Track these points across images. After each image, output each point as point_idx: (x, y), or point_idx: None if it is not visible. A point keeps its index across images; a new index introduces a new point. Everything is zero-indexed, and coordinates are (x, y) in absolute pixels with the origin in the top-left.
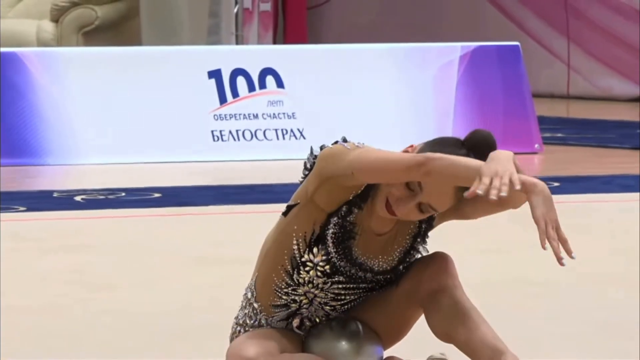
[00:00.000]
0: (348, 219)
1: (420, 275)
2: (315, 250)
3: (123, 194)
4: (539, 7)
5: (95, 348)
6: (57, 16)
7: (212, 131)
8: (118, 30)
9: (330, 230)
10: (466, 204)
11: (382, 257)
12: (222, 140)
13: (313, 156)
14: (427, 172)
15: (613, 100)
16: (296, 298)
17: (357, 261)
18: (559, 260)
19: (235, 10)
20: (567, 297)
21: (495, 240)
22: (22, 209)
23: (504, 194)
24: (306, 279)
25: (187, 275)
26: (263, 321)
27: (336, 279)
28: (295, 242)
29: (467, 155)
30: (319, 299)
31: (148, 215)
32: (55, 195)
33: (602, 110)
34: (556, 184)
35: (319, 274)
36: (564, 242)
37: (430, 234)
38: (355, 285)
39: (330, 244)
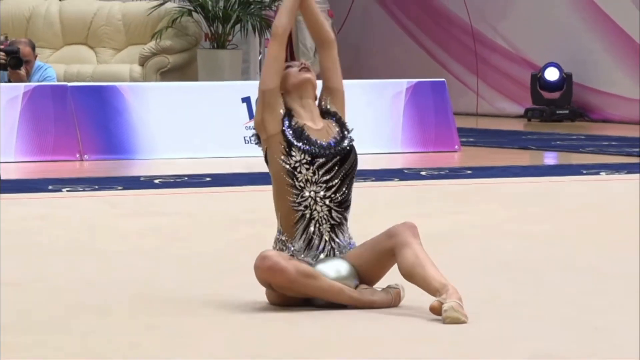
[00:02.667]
0: (292, 123)
1: (396, 237)
2: (292, 153)
3: (186, 178)
4: (458, 55)
5: (166, 279)
6: (142, 62)
7: (244, 137)
8: (183, 71)
9: (289, 136)
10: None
11: (328, 138)
12: (251, 143)
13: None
14: (276, 31)
15: (506, 116)
16: (305, 203)
17: (318, 142)
18: None
19: (260, 57)
20: (476, 244)
21: (428, 210)
22: (119, 188)
23: None
24: (303, 178)
25: (229, 231)
26: (289, 253)
27: (318, 161)
28: (282, 162)
29: None
30: (319, 196)
31: (203, 192)
32: (141, 179)
33: (499, 123)
34: (469, 172)
35: (306, 166)
36: None
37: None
38: (331, 164)
39: (295, 142)
